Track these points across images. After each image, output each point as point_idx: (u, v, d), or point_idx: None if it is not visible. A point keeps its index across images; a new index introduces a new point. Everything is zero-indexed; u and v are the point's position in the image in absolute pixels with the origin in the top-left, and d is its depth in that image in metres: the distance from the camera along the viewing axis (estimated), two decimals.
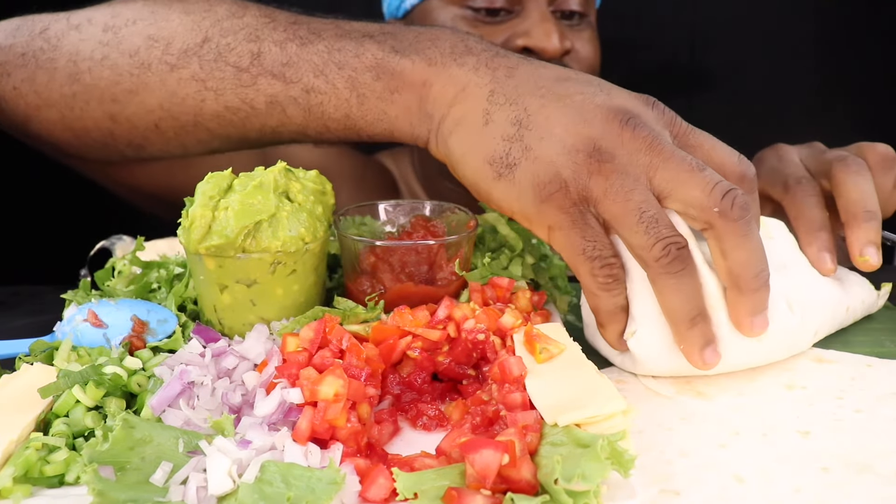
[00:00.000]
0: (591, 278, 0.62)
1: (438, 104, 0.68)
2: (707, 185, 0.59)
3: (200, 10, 0.77)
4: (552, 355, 0.59)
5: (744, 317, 0.61)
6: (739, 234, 0.59)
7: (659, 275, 0.60)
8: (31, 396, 0.55)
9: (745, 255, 0.59)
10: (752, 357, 0.65)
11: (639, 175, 0.61)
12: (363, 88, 0.70)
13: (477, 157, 0.65)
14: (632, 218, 0.60)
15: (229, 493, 0.46)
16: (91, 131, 0.80)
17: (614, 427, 0.49)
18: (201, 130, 0.76)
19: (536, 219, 0.63)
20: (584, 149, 0.61)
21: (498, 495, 0.46)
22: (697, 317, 0.61)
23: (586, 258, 0.61)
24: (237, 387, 0.57)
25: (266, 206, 0.63)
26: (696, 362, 0.61)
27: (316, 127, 0.73)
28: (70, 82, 0.77)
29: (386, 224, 0.77)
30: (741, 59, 1.68)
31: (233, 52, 0.73)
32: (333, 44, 0.71)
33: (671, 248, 0.59)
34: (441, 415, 0.59)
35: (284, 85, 0.72)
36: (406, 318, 0.62)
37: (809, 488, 0.50)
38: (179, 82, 0.74)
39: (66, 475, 0.50)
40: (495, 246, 0.77)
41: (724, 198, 0.59)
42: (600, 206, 0.61)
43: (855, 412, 0.59)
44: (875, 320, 0.79)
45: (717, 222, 0.59)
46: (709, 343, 0.61)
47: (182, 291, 0.70)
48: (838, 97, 1.67)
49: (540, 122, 0.63)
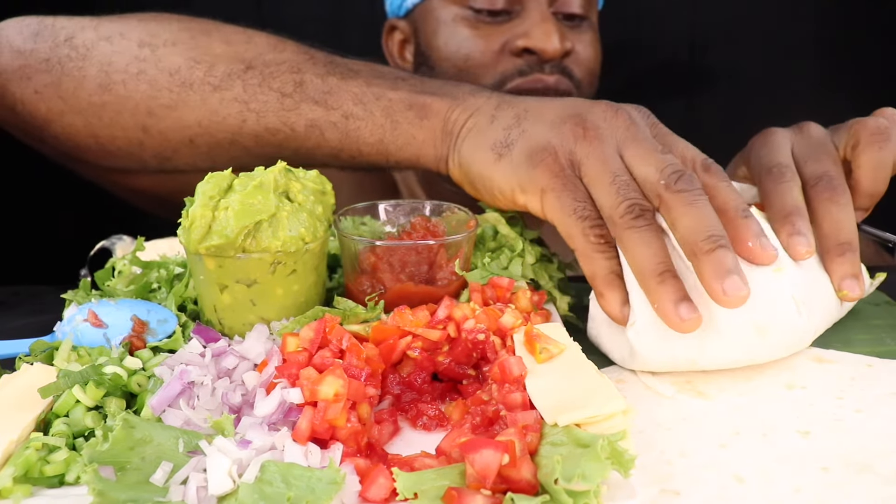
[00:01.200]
0: (583, 238, 0.65)
1: (457, 124, 0.76)
2: (662, 165, 0.65)
3: (241, 42, 0.81)
4: (552, 355, 0.59)
5: (710, 282, 0.59)
6: (685, 203, 0.62)
7: (624, 230, 0.63)
8: (31, 396, 0.55)
9: (692, 221, 0.61)
10: (753, 353, 0.64)
11: (615, 147, 0.68)
12: (397, 115, 0.77)
13: (482, 148, 0.73)
14: (606, 179, 0.66)
15: (229, 493, 0.46)
16: (118, 139, 0.82)
17: (614, 427, 0.49)
18: (237, 148, 0.80)
19: (530, 185, 0.69)
20: (571, 120, 0.70)
21: (498, 495, 0.46)
22: (665, 272, 0.61)
23: (578, 217, 0.66)
24: (237, 387, 0.57)
25: (266, 206, 0.63)
26: (671, 320, 0.60)
27: (350, 150, 0.79)
28: (101, 92, 0.79)
29: (386, 224, 0.77)
30: (741, 59, 1.68)
31: (276, 80, 0.78)
32: (370, 80, 0.79)
33: (636, 207, 0.64)
34: (441, 415, 0.59)
35: (325, 111, 0.78)
36: (406, 318, 0.62)
37: (809, 488, 0.50)
38: (222, 102, 0.78)
39: (66, 475, 0.50)
40: (495, 246, 0.77)
41: (672, 174, 0.64)
42: (583, 167, 0.68)
43: (855, 412, 0.59)
44: (876, 317, 0.79)
45: (663, 194, 0.64)
46: (682, 299, 0.60)
47: (182, 291, 0.70)
48: (838, 97, 1.67)
49: (536, 113, 0.72)
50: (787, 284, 0.64)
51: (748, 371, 0.66)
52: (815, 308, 0.67)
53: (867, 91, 1.66)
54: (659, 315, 0.61)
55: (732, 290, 0.58)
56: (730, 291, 0.58)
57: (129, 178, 0.97)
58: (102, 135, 0.82)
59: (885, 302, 0.84)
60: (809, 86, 1.71)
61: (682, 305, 0.60)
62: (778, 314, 0.63)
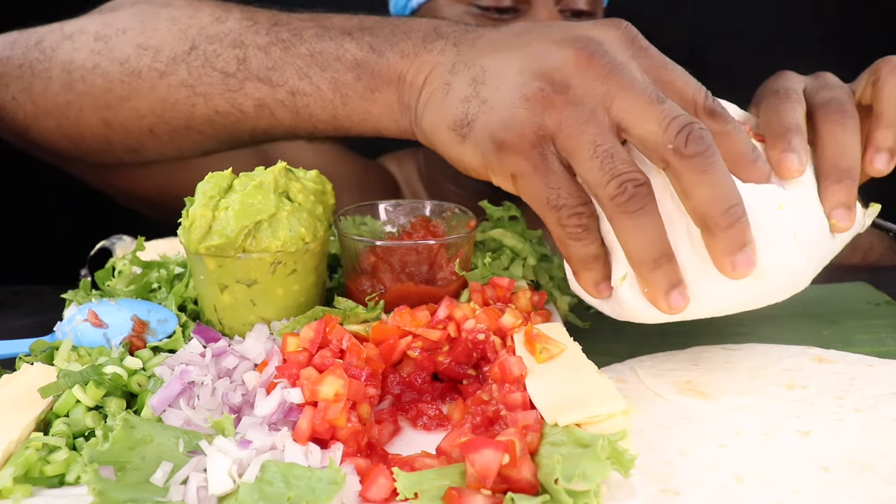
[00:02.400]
0: (558, 228, 0.60)
1: (412, 93, 0.68)
2: (663, 119, 0.56)
3: (186, 18, 0.78)
4: (552, 355, 0.59)
5: (721, 257, 0.55)
6: (698, 171, 0.55)
7: (615, 214, 0.57)
8: (31, 396, 0.55)
9: (708, 192, 0.55)
10: (750, 298, 0.60)
11: (595, 106, 0.58)
12: (346, 89, 0.71)
13: (442, 128, 0.64)
14: (585, 152, 0.57)
15: (230, 493, 0.46)
16: (87, 138, 0.82)
17: (614, 427, 0.49)
18: (194, 133, 0.78)
19: (499, 170, 0.61)
20: (536, 85, 0.59)
21: (498, 495, 0.46)
22: (661, 258, 0.57)
23: (551, 207, 0.59)
24: (237, 387, 0.57)
25: (266, 205, 0.63)
26: (661, 307, 0.57)
27: (305, 127, 0.75)
28: (65, 91, 0.80)
29: (386, 224, 0.77)
30: (741, 59, 1.67)
31: (219, 59, 0.75)
32: (315, 45, 0.72)
33: (627, 185, 0.56)
34: (441, 415, 0.59)
35: (271, 88, 0.73)
36: (406, 318, 0.62)
37: (809, 488, 0.50)
38: (169, 88, 0.76)
39: (66, 475, 0.50)
40: (496, 246, 0.77)
41: (679, 133, 0.55)
42: (557, 141, 0.59)
43: (855, 412, 0.59)
44: (876, 317, 0.79)
45: (672, 160, 0.55)
46: (674, 286, 0.57)
47: (182, 291, 0.70)
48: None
49: (495, 74, 0.62)
50: (790, 223, 0.58)
51: (748, 371, 0.66)
52: (814, 247, 0.62)
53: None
54: (647, 299, 0.58)
55: (743, 265, 0.55)
56: (740, 267, 0.55)
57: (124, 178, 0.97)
58: (73, 134, 0.82)
59: (885, 302, 0.84)
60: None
61: (672, 293, 0.57)
62: (778, 256, 0.58)
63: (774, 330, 0.77)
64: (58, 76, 0.80)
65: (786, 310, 0.82)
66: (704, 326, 0.79)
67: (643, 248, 0.57)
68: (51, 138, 0.84)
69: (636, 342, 0.76)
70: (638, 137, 0.57)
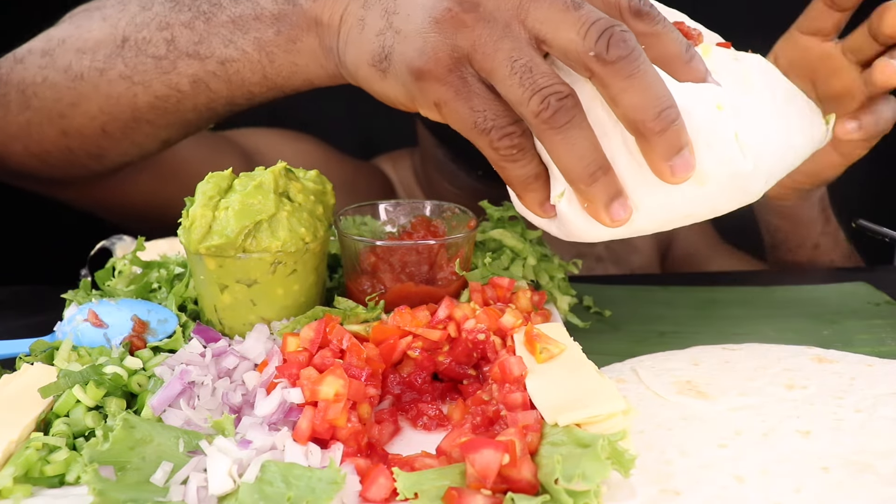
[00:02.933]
0: (491, 151, 0.57)
1: (331, 35, 0.67)
2: (581, 26, 0.52)
3: (116, 13, 0.79)
4: (552, 355, 0.59)
5: (658, 163, 0.53)
6: (623, 76, 0.52)
7: (542, 131, 0.54)
8: (31, 396, 0.55)
9: (637, 97, 0.52)
10: (693, 205, 0.57)
11: (508, 20, 0.55)
12: (270, 46, 0.71)
13: (364, 65, 0.63)
14: (503, 70, 0.54)
15: (230, 493, 0.46)
16: (52, 152, 0.84)
17: (614, 427, 0.49)
18: (143, 124, 0.79)
19: (423, 100, 0.59)
20: (444, 5, 0.56)
21: (498, 495, 0.46)
22: (597, 171, 0.54)
23: (480, 131, 0.56)
24: (237, 387, 0.57)
25: (266, 205, 0.63)
26: (603, 221, 0.56)
27: (241, 94, 0.75)
28: (22, 110, 0.83)
29: (386, 224, 0.77)
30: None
31: (150, 45, 0.76)
32: (234, 10, 0.73)
33: (550, 99, 0.53)
34: (441, 415, 0.59)
35: (201, 62, 0.74)
36: (406, 318, 0.62)
37: (809, 488, 0.50)
38: (110, 84, 0.77)
39: (66, 475, 0.50)
40: (496, 246, 0.77)
41: (599, 38, 0.52)
42: (473, 62, 0.56)
43: (855, 412, 0.59)
44: (876, 317, 0.79)
45: (595, 67, 0.52)
46: (614, 198, 0.55)
47: (182, 291, 0.70)
48: None
49: (406, 2, 0.59)
50: (731, 123, 0.55)
51: (748, 371, 0.66)
52: (765, 151, 0.57)
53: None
54: (589, 214, 0.56)
55: (681, 169, 0.53)
56: (679, 171, 0.53)
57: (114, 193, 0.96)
58: (38, 152, 0.85)
59: (885, 302, 0.84)
60: None
61: (613, 205, 0.55)
62: (718, 157, 0.55)
63: (774, 330, 0.77)
64: (15, 98, 0.83)
65: (786, 310, 0.83)
66: (705, 327, 0.79)
67: (576, 162, 0.54)
68: (22, 161, 0.87)
69: (636, 342, 0.76)
70: (558, 48, 0.54)
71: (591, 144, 0.54)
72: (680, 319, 0.81)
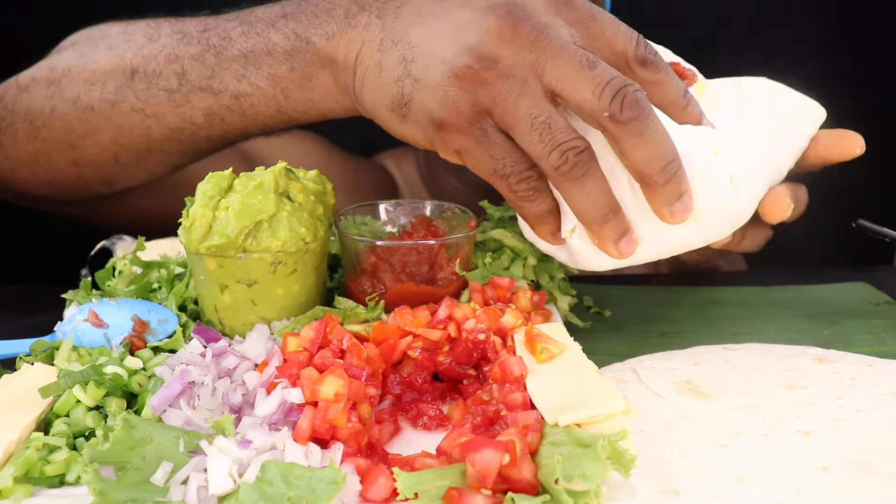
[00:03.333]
0: (510, 194, 0.62)
1: (347, 74, 0.69)
2: (597, 86, 0.57)
3: (121, 43, 0.79)
4: (553, 355, 0.59)
5: (660, 208, 0.60)
6: (635, 135, 0.57)
7: (560, 182, 0.59)
8: (31, 396, 0.55)
9: (645, 153, 0.57)
10: (691, 239, 0.64)
11: (526, 76, 0.59)
12: (284, 82, 0.72)
13: (383, 109, 0.65)
14: (524, 126, 0.58)
15: (230, 493, 0.46)
16: (62, 180, 0.84)
17: (615, 427, 0.49)
18: (156, 154, 0.80)
19: (443, 147, 0.63)
20: (465, 61, 0.59)
21: (498, 495, 0.46)
22: (608, 213, 0.61)
23: (499, 177, 0.61)
24: (238, 387, 0.57)
25: (266, 205, 0.63)
26: (612, 254, 0.62)
27: (256, 125, 0.76)
28: (31, 140, 0.82)
29: (387, 224, 0.77)
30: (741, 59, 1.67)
31: (160, 77, 0.76)
32: (244, 45, 0.73)
33: (569, 154, 0.58)
34: (441, 415, 0.59)
35: (214, 96, 0.75)
36: (407, 317, 0.62)
37: (809, 488, 0.50)
38: (122, 116, 0.78)
39: (66, 475, 0.50)
40: (496, 246, 0.77)
41: (613, 100, 0.56)
42: (494, 116, 0.60)
43: (855, 412, 0.59)
44: (877, 317, 0.79)
45: (609, 126, 0.57)
46: (622, 235, 0.62)
47: (182, 291, 0.70)
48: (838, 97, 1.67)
49: (423, 51, 0.62)
50: (725, 165, 0.61)
51: (749, 371, 0.66)
52: (757, 181, 0.64)
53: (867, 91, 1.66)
54: (600, 249, 0.63)
55: (681, 213, 0.60)
56: (678, 215, 0.60)
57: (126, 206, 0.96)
58: (48, 179, 0.85)
59: (885, 302, 0.84)
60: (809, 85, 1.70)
61: (622, 242, 0.62)
62: (715, 198, 0.61)
63: (774, 330, 0.77)
64: (22, 128, 0.82)
65: (786, 310, 0.83)
66: (705, 327, 0.79)
67: (591, 207, 0.60)
68: (30, 187, 0.87)
69: (636, 342, 0.76)
70: (574, 104, 0.58)
71: (603, 191, 0.60)
72: (680, 319, 0.81)
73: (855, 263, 1.01)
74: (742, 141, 0.64)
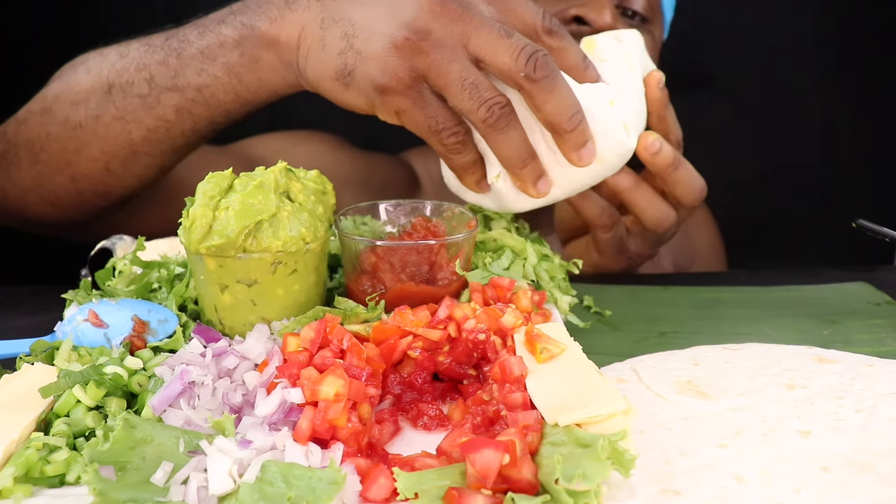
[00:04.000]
0: (441, 147, 0.73)
1: (291, 52, 0.78)
2: (514, 52, 0.68)
3: (97, 65, 0.89)
4: (553, 355, 0.59)
5: (569, 153, 0.72)
6: (546, 91, 0.69)
7: (487, 132, 0.71)
8: (31, 396, 0.55)
9: (554, 105, 0.70)
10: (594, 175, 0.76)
11: (455, 46, 0.69)
12: (237, 68, 0.81)
13: (326, 79, 0.75)
14: (456, 87, 0.69)
15: (230, 493, 0.46)
16: (63, 198, 0.93)
17: (615, 427, 0.49)
18: (140, 156, 0.89)
19: (384, 109, 0.73)
20: (402, 34, 0.69)
21: (498, 495, 0.46)
22: (527, 159, 0.73)
23: (432, 132, 0.72)
24: (238, 387, 0.57)
25: (267, 205, 0.63)
26: (531, 194, 0.74)
27: (220, 113, 0.85)
28: (33, 165, 0.92)
29: (387, 224, 0.77)
30: (741, 60, 1.68)
31: (133, 86, 0.86)
32: (200, 43, 0.83)
33: (494, 108, 0.69)
34: (442, 415, 0.59)
35: (180, 93, 0.84)
36: (407, 317, 0.62)
37: (810, 488, 0.50)
38: (107, 127, 0.87)
39: (66, 475, 0.50)
40: (496, 246, 0.77)
41: (528, 62, 0.68)
42: (429, 79, 0.70)
43: (855, 412, 0.59)
44: (877, 317, 0.79)
45: (525, 84, 0.69)
46: (539, 177, 0.74)
47: (183, 291, 0.70)
48: (839, 97, 1.67)
49: (363, 27, 0.72)
50: (619, 115, 0.74)
51: (749, 371, 0.66)
52: (640, 124, 0.79)
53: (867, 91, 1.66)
54: (520, 190, 0.75)
55: (587, 157, 0.73)
56: (585, 159, 0.73)
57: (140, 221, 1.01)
58: (52, 200, 0.93)
59: (885, 302, 0.84)
60: (809, 85, 1.70)
61: (539, 183, 0.74)
62: (613, 142, 0.74)
63: (774, 330, 0.77)
64: (25, 156, 0.92)
65: (786, 310, 0.83)
66: (705, 327, 0.79)
67: (513, 154, 0.72)
68: (38, 211, 0.95)
69: (636, 342, 0.76)
70: (495, 68, 0.70)
71: (522, 140, 0.72)
72: (680, 319, 0.81)
73: (855, 263, 1.01)
74: (627, 90, 0.77)
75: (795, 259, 1.67)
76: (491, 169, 0.75)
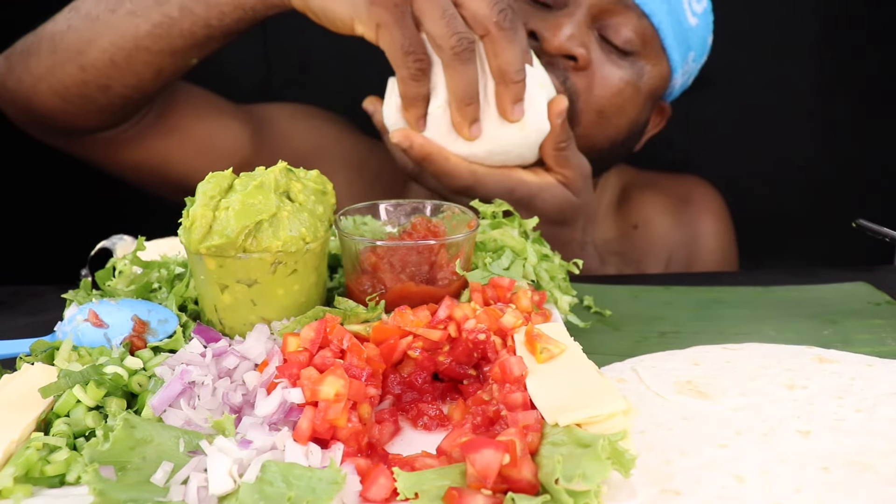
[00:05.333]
0: (405, 71, 0.82)
1: None
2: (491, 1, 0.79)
3: None
4: (553, 355, 0.59)
5: (507, 103, 0.83)
6: (507, 41, 0.80)
7: (452, 60, 0.80)
8: (31, 396, 0.55)
9: (510, 55, 0.81)
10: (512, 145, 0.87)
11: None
12: None
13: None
14: (437, 12, 0.79)
15: (230, 493, 0.46)
16: (70, 87, 0.99)
17: (615, 427, 0.49)
18: (143, 53, 0.97)
19: (367, 19, 0.80)
20: None
21: (498, 495, 0.46)
22: (473, 97, 0.83)
23: (403, 52, 0.80)
24: (238, 387, 0.57)
25: (267, 205, 0.63)
26: (464, 133, 0.85)
27: (215, 14, 0.93)
28: (50, 55, 1.00)
29: (387, 224, 0.77)
30: (741, 60, 1.68)
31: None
32: None
33: (464, 40, 0.79)
34: (442, 415, 0.59)
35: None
36: (407, 317, 0.62)
37: (809, 488, 0.50)
38: (121, 20, 0.96)
39: (66, 475, 0.50)
40: (496, 246, 0.77)
41: (501, 12, 0.80)
42: (414, 4, 0.79)
43: (855, 412, 0.59)
44: (877, 317, 0.79)
45: (493, 30, 0.80)
46: (475, 120, 0.85)
47: (183, 291, 0.70)
48: (838, 97, 1.67)
49: None
50: (545, 96, 0.86)
51: (749, 371, 0.66)
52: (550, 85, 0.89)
53: (867, 91, 1.66)
54: (455, 127, 0.85)
55: (518, 113, 0.84)
56: (516, 113, 0.84)
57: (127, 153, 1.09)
58: (59, 89, 0.99)
59: (885, 302, 0.84)
60: (809, 85, 1.70)
61: (473, 126, 0.85)
62: (535, 117, 0.85)
63: (774, 330, 0.77)
64: (45, 46, 1.00)
65: (786, 310, 0.83)
66: (705, 327, 0.79)
67: (465, 87, 0.82)
68: (46, 102, 1.01)
69: (636, 342, 0.76)
70: (470, 11, 0.80)
71: (476, 78, 0.83)
72: (680, 319, 0.81)
73: (855, 263, 1.01)
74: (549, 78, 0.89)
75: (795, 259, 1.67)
76: (435, 99, 0.84)
